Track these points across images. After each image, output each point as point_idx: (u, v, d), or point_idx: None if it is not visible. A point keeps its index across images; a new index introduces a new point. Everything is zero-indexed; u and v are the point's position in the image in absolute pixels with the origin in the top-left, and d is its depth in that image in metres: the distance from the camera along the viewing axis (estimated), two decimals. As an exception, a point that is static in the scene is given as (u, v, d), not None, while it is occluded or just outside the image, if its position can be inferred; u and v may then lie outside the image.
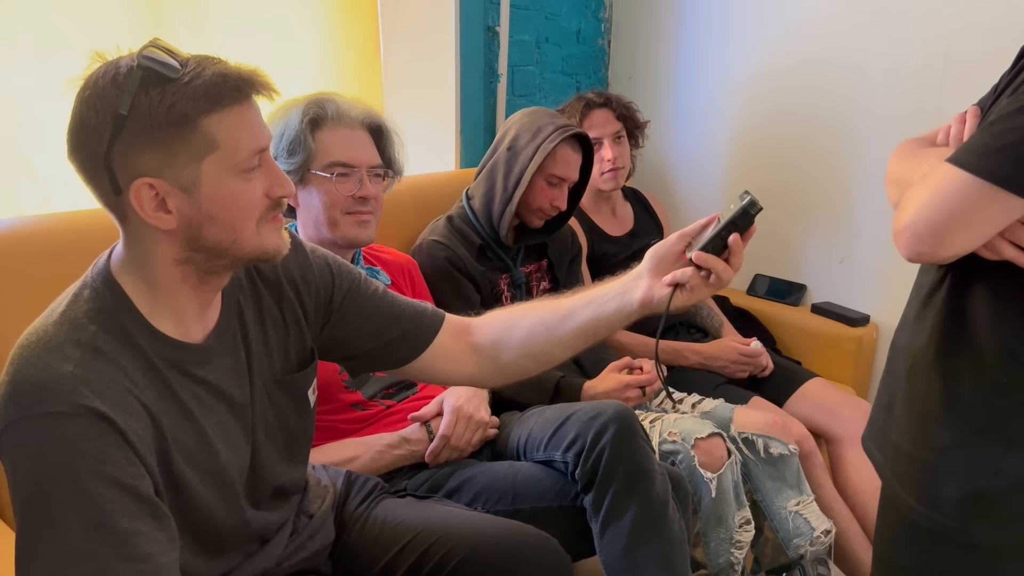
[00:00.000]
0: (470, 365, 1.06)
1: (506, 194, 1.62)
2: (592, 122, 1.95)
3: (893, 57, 1.96)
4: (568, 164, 1.65)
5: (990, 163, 0.75)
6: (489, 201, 1.65)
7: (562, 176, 1.65)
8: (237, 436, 0.89)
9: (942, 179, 0.78)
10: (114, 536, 0.68)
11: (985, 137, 0.76)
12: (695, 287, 0.93)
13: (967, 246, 0.79)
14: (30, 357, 0.71)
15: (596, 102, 1.97)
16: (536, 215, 1.69)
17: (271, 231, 0.82)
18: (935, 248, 0.79)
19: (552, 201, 1.66)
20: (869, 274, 2.12)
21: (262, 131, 0.79)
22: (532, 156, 1.59)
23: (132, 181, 0.73)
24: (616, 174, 1.97)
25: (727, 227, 0.91)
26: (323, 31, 1.93)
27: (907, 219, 0.81)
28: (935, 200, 0.78)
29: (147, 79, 0.72)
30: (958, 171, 0.77)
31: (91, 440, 0.69)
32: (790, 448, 1.51)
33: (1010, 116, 0.75)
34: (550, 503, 1.21)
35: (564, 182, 1.67)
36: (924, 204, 0.79)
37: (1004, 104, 0.77)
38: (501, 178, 1.64)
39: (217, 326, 0.87)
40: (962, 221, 0.77)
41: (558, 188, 1.67)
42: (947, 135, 0.93)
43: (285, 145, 1.29)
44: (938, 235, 0.78)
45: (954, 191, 0.77)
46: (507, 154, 1.65)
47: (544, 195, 1.65)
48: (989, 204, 0.75)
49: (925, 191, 0.80)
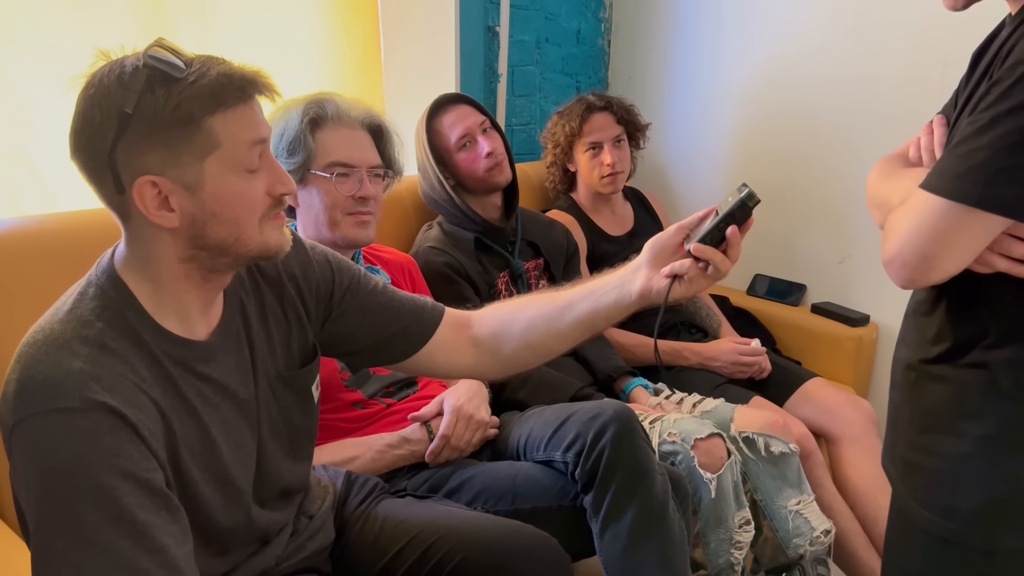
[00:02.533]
0: (470, 358, 1.07)
1: (443, 193, 1.65)
2: (592, 126, 1.95)
3: (892, 57, 1.96)
4: (453, 125, 1.67)
5: (963, 186, 0.76)
6: (446, 210, 1.68)
7: (459, 136, 1.66)
8: (242, 434, 0.89)
9: (920, 207, 0.80)
10: (133, 528, 0.69)
11: (953, 160, 0.78)
12: (693, 278, 0.93)
13: (956, 267, 0.80)
14: (38, 355, 0.71)
15: (597, 105, 1.96)
16: (489, 176, 1.68)
17: (273, 228, 0.83)
18: (926, 273, 0.81)
19: (480, 155, 1.66)
20: (869, 274, 2.12)
21: (263, 128, 0.80)
22: (425, 152, 1.64)
23: (135, 179, 0.74)
24: (615, 178, 1.97)
25: (725, 219, 0.91)
26: (324, 32, 1.93)
27: (894, 249, 0.82)
28: (916, 228, 0.80)
29: (152, 78, 0.72)
30: (931, 196, 0.78)
31: (104, 435, 0.69)
32: (791, 447, 1.51)
33: (973, 137, 0.76)
34: (550, 503, 1.21)
35: (468, 137, 1.67)
36: (908, 232, 0.81)
37: (965, 125, 0.78)
38: (430, 189, 1.69)
39: (220, 323, 0.87)
40: (946, 244, 0.78)
41: (472, 145, 1.67)
42: (918, 148, 0.95)
43: (285, 145, 1.29)
44: (927, 260, 0.80)
45: (933, 216, 0.78)
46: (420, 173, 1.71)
47: (469, 160, 1.67)
48: (968, 225, 0.77)
49: (906, 220, 0.81)
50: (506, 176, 1.71)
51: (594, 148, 1.95)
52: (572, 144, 1.98)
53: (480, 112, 1.72)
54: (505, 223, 1.73)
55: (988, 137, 0.74)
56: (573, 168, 2.02)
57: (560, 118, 2.00)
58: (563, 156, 2.01)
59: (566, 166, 2.03)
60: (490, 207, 1.73)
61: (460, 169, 1.67)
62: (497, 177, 1.69)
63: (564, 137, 1.98)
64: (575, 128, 1.95)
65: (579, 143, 1.97)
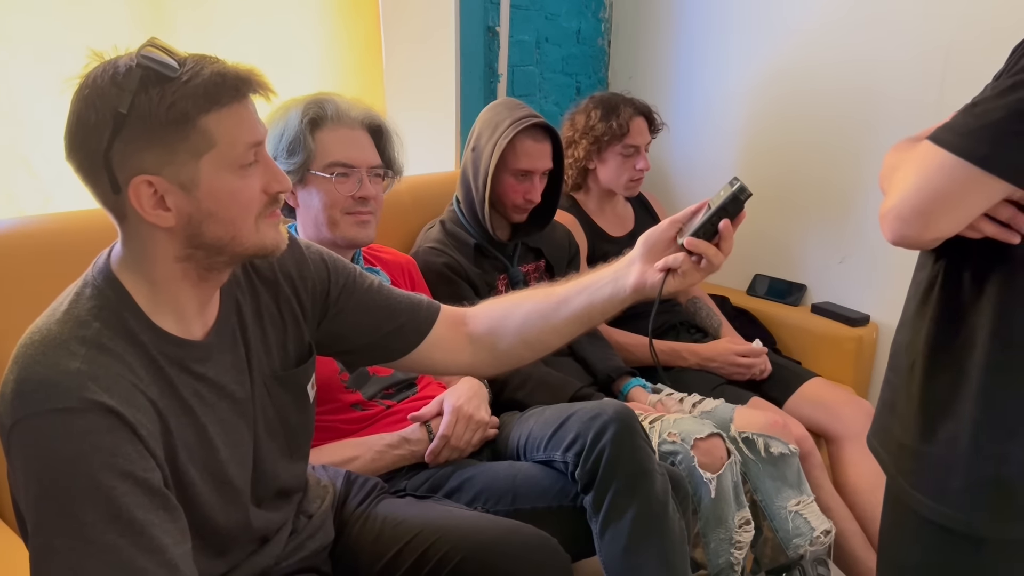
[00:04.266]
0: (467, 355, 1.07)
1: (479, 194, 1.62)
2: (636, 128, 1.95)
3: (892, 59, 1.96)
4: (531, 156, 1.63)
5: (969, 143, 0.75)
6: (470, 203, 1.66)
7: (527, 168, 1.63)
8: (239, 433, 0.89)
9: (924, 159, 0.79)
10: (131, 528, 0.69)
11: (967, 118, 0.77)
12: (687, 272, 0.94)
13: (951, 228, 0.79)
14: (35, 355, 0.71)
15: (641, 109, 1.98)
16: (513, 211, 1.68)
17: (269, 227, 0.83)
18: (919, 230, 0.80)
19: (524, 195, 1.64)
20: (869, 274, 2.12)
21: (258, 126, 0.80)
22: (491, 153, 1.58)
23: (131, 179, 0.74)
24: (640, 183, 2.00)
25: (717, 213, 0.91)
26: (325, 33, 1.93)
27: (892, 201, 0.82)
28: (918, 183, 0.79)
29: (147, 78, 0.72)
30: (938, 150, 0.77)
31: (102, 435, 0.70)
32: (790, 448, 1.51)
33: (991, 98, 0.76)
34: (550, 503, 1.21)
35: (532, 174, 1.65)
36: (909, 187, 0.80)
37: (987, 88, 0.78)
38: (472, 179, 1.64)
39: (216, 323, 0.87)
40: (945, 202, 0.78)
41: (528, 181, 1.65)
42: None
43: (285, 145, 1.29)
44: (923, 215, 0.79)
45: (937, 171, 0.77)
46: (472, 155, 1.65)
47: (514, 190, 1.64)
48: (970, 185, 0.76)
49: (909, 175, 0.80)
50: (522, 219, 1.71)
51: (630, 150, 1.95)
52: (611, 143, 1.95)
53: (552, 156, 1.68)
54: (509, 241, 1.73)
55: (1006, 99, 0.74)
56: (593, 166, 2.00)
57: (606, 116, 1.94)
58: (595, 152, 1.97)
59: (587, 163, 2.00)
60: (502, 223, 1.73)
61: (500, 185, 1.65)
62: (516, 216, 1.69)
63: (608, 135, 1.93)
64: (624, 127, 1.92)
65: (618, 143, 1.94)
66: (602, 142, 1.95)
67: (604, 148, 1.96)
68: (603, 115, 1.95)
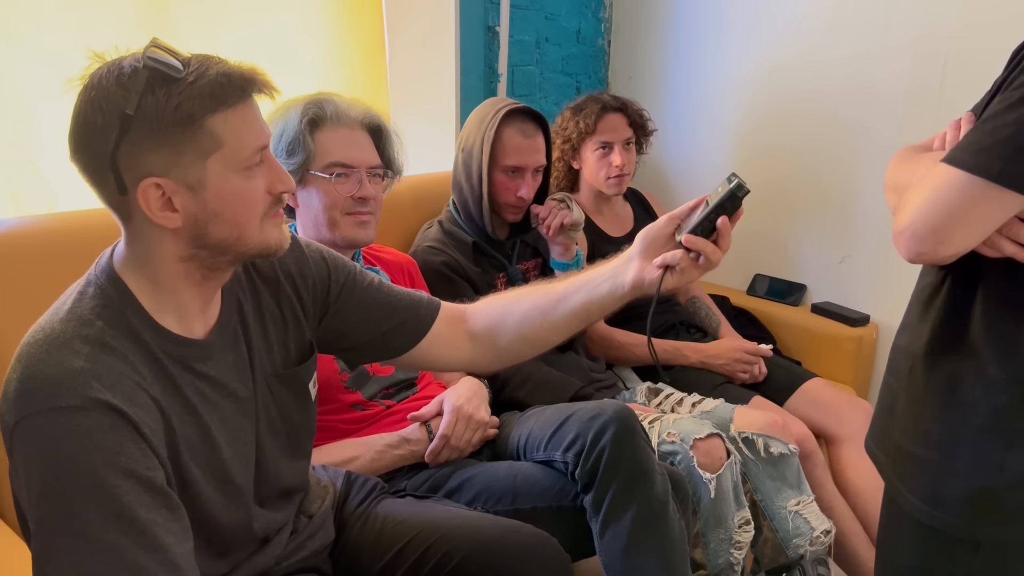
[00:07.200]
0: (467, 351, 1.07)
1: (475, 192, 1.62)
2: (606, 125, 1.94)
3: (892, 58, 1.96)
4: (521, 151, 1.62)
5: (983, 160, 0.75)
6: (464, 205, 1.66)
7: (516, 164, 1.62)
8: (241, 432, 0.89)
9: (938, 179, 0.79)
10: (133, 527, 0.69)
11: (978, 135, 0.77)
12: (685, 269, 0.94)
13: (967, 244, 0.79)
14: (39, 354, 0.72)
15: (612, 106, 1.96)
16: (507, 211, 1.67)
17: (273, 227, 0.84)
18: (935, 247, 0.80)
19: (516, 192, 1.63)
20: (869, 274, 2.12)
21: (263, 129, 0.80)
22: (482, 148, 1.58)
23: (139, 181, 0.74)
24: (621, 180, 1.97)
25: (715, 210, 0.91)
26: (330, 36, 1.93)
27: (906, 220, 0.81)
28: (932, 200, 0.79)
29: (152, 79, 0.72)
30: (953, 170, 0.77)
31: (105, 433, 0.70)
32: (790, 448, 1.51)
33: (1001, 113, 0.75)
34: (550, 503, 1.21)
35: (523, 170, 1.63)
36: (922, 204, 0.80)
37: (996, 102, 0.78)
38: (464, 180, 1.64)
39: (218, 322, 0.87)
40: (960, 219, 0.78)
41: (519, 178, 1.64)
42: (943, 141, 0.93)
43: (284, 145, 1.29)
44: (937, 233, 0.79)
45: (950, 189, 0.77)
46: (463, 155, 1.64)
47: (506, 188, 1.64)
48: (985, 201, 0.76)
49: (922, 192, 0.80)
50: (518, 218, 1.70)
51: (604, 148, 1.95)
52: (582, 141, 1.97)
53: (544, 152, 1.67)
54: (507, 240, 1.73)
55: (1015, 114, 0.74)
56: (577, 166, 2.02)
57: (573, 114, 1.98)
58: (571, 152, 2.00)
59: (571, 163, 2.02)
60: (500, 222, 1.73)
61: (493, 184, 1.64)
62: (510, 216, 1.69)
63: (576, 134, 1.96)
64: (589, 126, 1.94)
65: (590, 141, 1.96)
66: (574, 141, 1.97)
67: (578, 147, 1.98)
68: (572, 114, 1.99)
